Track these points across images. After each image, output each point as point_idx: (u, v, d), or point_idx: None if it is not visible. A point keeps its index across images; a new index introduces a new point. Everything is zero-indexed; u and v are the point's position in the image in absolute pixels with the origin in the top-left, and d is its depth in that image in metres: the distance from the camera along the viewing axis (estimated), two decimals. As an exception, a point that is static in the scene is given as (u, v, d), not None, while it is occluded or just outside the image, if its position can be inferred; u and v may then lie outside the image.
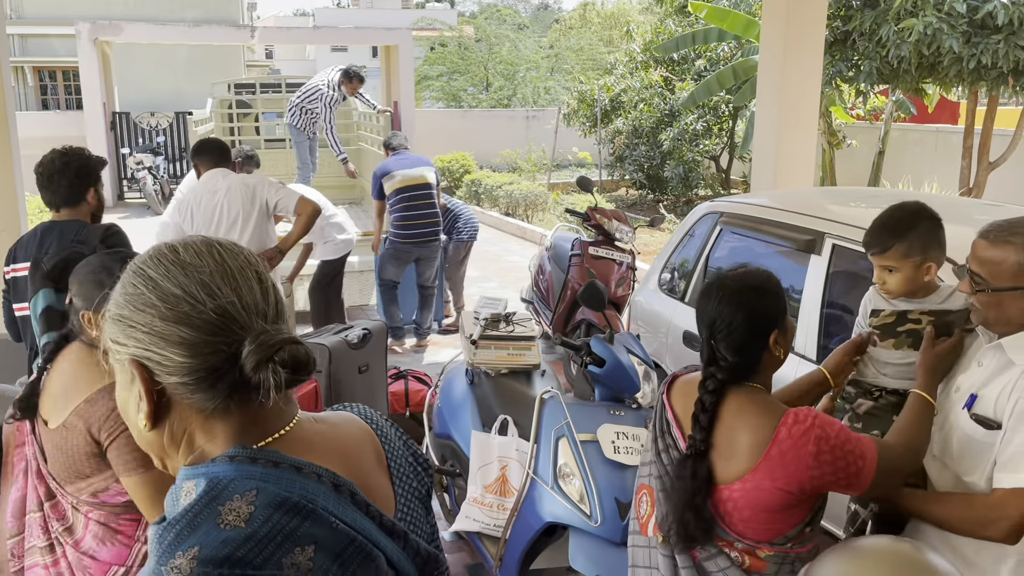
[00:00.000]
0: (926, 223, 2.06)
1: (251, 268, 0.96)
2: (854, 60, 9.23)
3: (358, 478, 1.00)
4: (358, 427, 1.10)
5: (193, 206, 4.13)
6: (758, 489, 1.68)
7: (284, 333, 0.94)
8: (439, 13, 40.65)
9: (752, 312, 1.76)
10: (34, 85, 23.83)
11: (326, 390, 4.00)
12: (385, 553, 0.97)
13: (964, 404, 1.87)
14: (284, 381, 0.90)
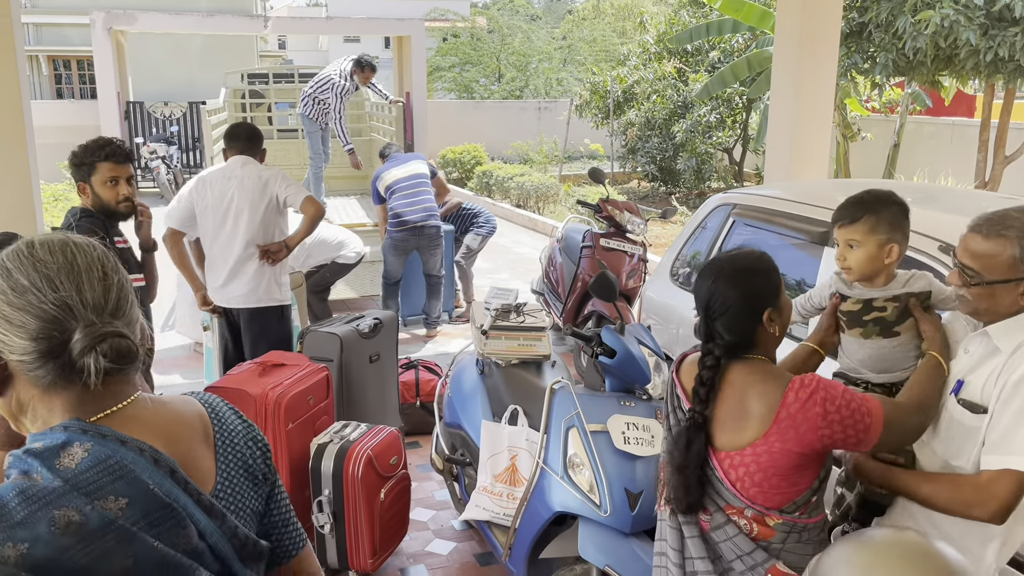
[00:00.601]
0: (896, 206, 2.16)
1: (98, 266, 1.10)
2: (870, 52, 9.16)
3: (179, 455, 1.13)
4: (192, 409, 1.23)
5: (209, 187, 4.16)
6: (770, 452, 1.77)
7: (113, 327, 1.07)
8: (452, 4, 40.53)
9: (745, 290, 1.85)
10: (48, 74, 23.94)
11: (337, 378, 4.01)
12: (198, 527, 1.09)
13: (952, 390, 1.93)
14: (105, 368, 1.05)
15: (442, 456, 3.66)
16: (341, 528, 3.30)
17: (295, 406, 3.38)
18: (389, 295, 6.62)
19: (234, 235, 4.09)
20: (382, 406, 4.42)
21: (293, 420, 3.36)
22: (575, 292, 5.86)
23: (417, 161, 6.71)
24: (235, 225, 4.09)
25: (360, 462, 3.25)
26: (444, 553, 3.69)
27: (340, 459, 3.27)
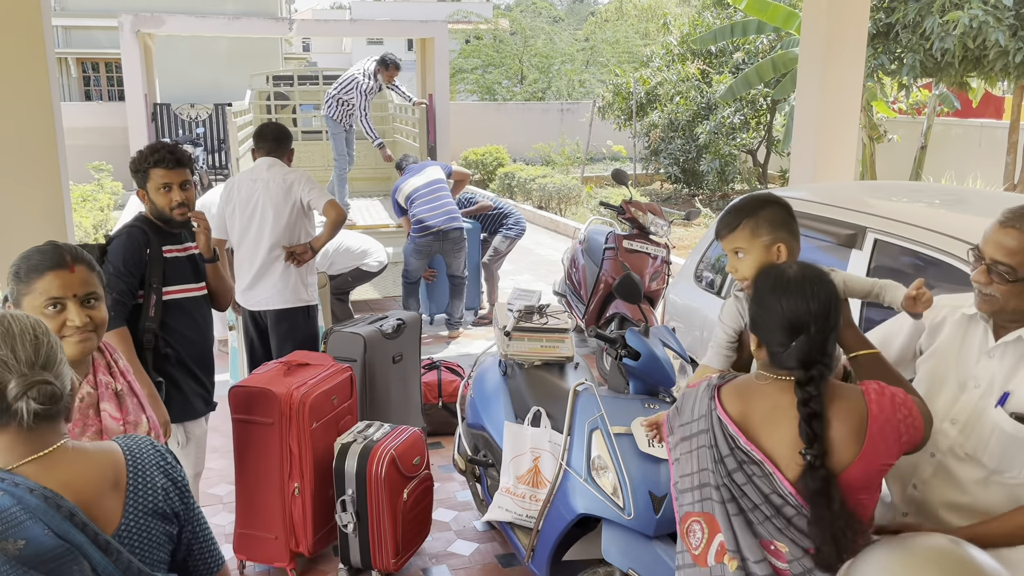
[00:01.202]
0: (775, 205, 2.11)
1: (30, 332, 1.32)
2: (897, 53, 9.06)
3: (85, 500, 1.31)
4: (109, 459, 1.41)
5: (236, 190, 4.20)
6: (867, 471, 1.69)
7: (42, 376, 1.29)
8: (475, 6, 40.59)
9: (834, 305, 1.77)
10: (77, 76, 24.26)
11: (360, 379, 4.03)
12: (92, 563, 1.28)
13: (997, 402, 1.84)
14: (35, 411, 1.27)
15: (464, 457, 3.67)
16: (364, 528, 3.31)
17: (319, 406, 3.40)
18: (410, 294, 6.68)
19: (260, 237, 4.13)
20: (405, 406, 4.43)
21: (317, 419, 3.38)
22: (597, 294, 5.84)
23: (432, 167, 6.78)
24: (260, 228, 4.12)
25: (383, 462, 3.26)
26: (466, 554, 3.69)
27: (363, 459, 3.28)
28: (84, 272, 1.88)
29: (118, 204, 12.42)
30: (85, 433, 1.89)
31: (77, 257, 1.88)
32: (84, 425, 1.90)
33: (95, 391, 1.95)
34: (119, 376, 2.05)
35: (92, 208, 10.29)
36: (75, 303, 1.84)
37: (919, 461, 1.97)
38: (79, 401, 1.89)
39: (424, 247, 6.50)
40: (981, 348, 1.94)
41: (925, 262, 3.13)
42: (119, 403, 2.00)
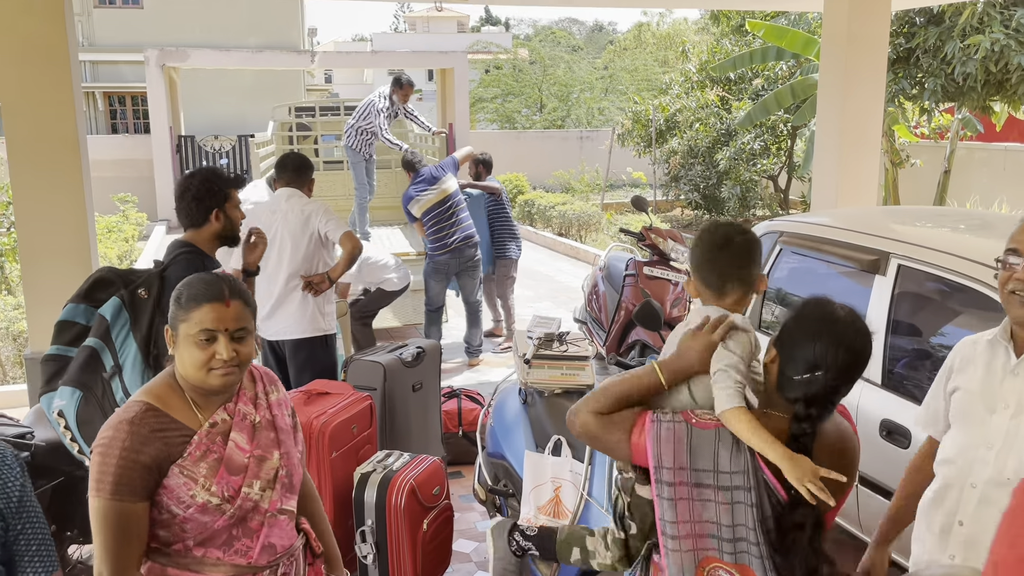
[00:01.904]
0: None
1: None
2: (918, 78, 9.03)
3: None
4: None
5: (256, 220, 4.23)
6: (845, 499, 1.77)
7: None
8: (494, 36, 41.09)
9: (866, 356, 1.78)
10: (104, 110, 24.73)
11: (380, 407, 4.02)
12: None
13: None
14: None
15: (485, 487, 3.63)
16: (384, 559, 3.27)
17: (339, 435, 3.38)
18: (432, 322, 6.66)
19: (278, 268, 4.15)
20: (425, 435, 4.41)
21: (337, 449, 3.36)
22: (618, 321, 5.81)
23: (448, 179, 6.60)
24: (279, 258, 4.15)
25: (403, 492, 3.23)
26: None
27: (383, 489, 3.26)
28: (239, 307, 1.92)
29: (143, 235, 12.58)
30: (205, 458, 1.88)
31: (235, 292, 1.92)
32: (207, 450, 1.90)
33: (230, 419, 1.96)
34: (263, 408, 2.04)
35: (117, 239, 10.42)
36: (226, 337, 1.87)
37: (960, 496, 1.92)
38: (211, 427, 1.91)
39: (442, 265, 6.52)
40: (1005, 368, 1.93)
41: (950, 288, 3.08)
42: (252, 435, 1.98)
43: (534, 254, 12.35)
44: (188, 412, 1.91)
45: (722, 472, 1.77)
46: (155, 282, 2.91)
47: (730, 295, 2.02)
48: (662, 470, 1.80)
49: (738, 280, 2.01)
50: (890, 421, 3.05)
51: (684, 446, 1.81)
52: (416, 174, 6.67)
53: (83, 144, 5.01)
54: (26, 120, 4.74)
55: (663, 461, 1.81)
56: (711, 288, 2.03)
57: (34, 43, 4.69)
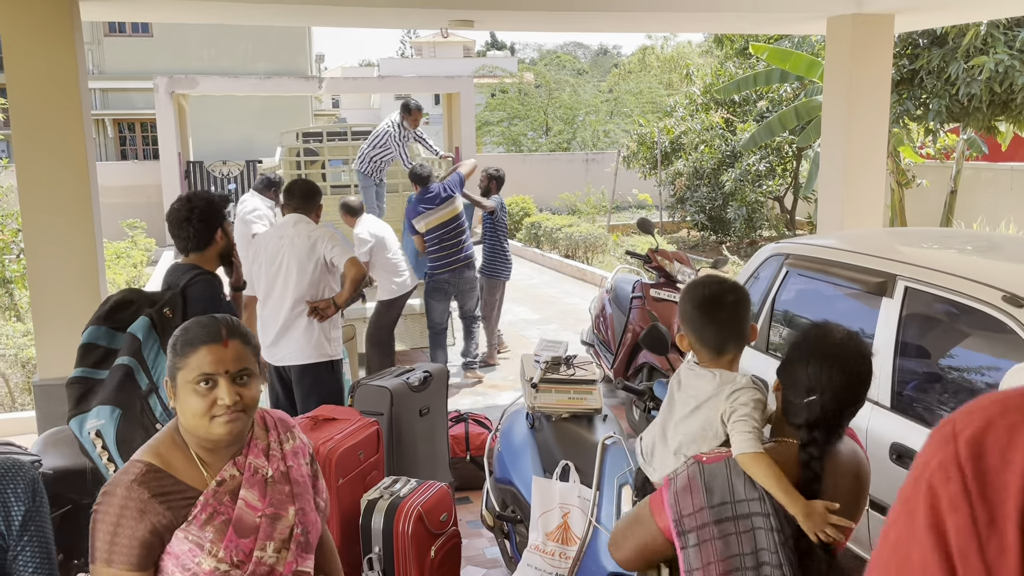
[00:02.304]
0: None
1: None
2: (922, 99, 9.05)
3: None
4: None
5: (262, 246, 4.26)
6: None
7: None
8: (500, 61, 41.40)
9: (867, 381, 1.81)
10: (114, 136, 24.96)
11: (387, 432, 4.00)
12: None
13: None
14: None
15: (493, 513, 3.61)
16: (391, 586, 3.25)
17: (346, 461, 3.37)
18: (438, 345, 6.72)
19: (284, 293, 4.17)
20: (432, 460, 4.39)
21: (344, 475, 3.35)
22: (625, 343, 5.80)
23: (453, 201, 6.70)
24: (285, 284, 4.17)
25: (410, 519, 3.22)
26: (495, 613, 3.61)
27: (390, 515, 3.24)
28: (239, 347, 1.78)
29: (151, 260, 12.64)
30: (212, 521, 1.74)
31: (233, 331, 1.79)
32: (214, 512, 1.75)
33: (240, 475, 1.80)
34: (277, 459, 1.88)
35: (126, 265, 10.47)
36: (227, 380, 1.74)
37: None
38: (218, 485, 1.77)
39: (442, 283, 6.64)
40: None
41: (958, 310, 3.07)
42: (264, 491, 1.82)
43: (541, 276, 12.36)
44: (193, 471, 1.77)
45: (739, 501, 1.79)
46: (179, 301, 2.98)
47: (728, 353, 2.07)
48: (682, 520, 1.81)
49: (736, 339, 2.07)
50: (900, 444, 3.03)
51: (699, 486, 1.83)
52: (425, 188, 6.72)
53: (92, 171, 5.05)
54: (36, 148, 4.79)
55: (682, 511, 1.82)
56: (708, 348, 2.08)
57: (45, 72, 4.75)
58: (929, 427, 2.97)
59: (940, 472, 0.73)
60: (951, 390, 3.10)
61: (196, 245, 3.15)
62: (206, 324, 1.79)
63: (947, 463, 0.73)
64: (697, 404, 2.11)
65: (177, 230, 3.13)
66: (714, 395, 2.09)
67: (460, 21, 5.63)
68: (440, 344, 6.73)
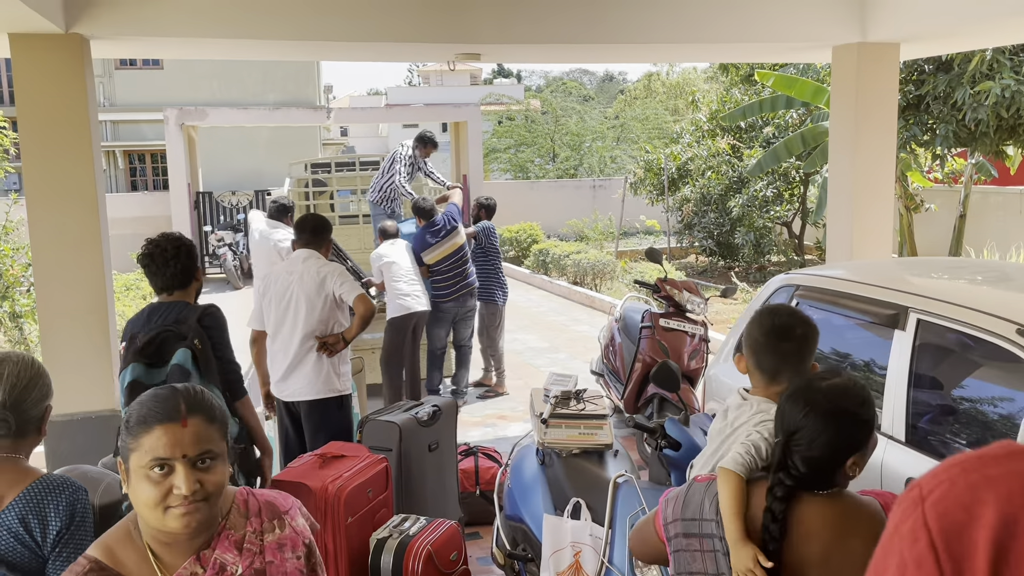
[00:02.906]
0: None
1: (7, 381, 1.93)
2: (929, 124, 9.06)
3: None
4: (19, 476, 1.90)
5: (273, 282, 4.28)
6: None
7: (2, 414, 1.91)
8: (507, 88, 41.73)
9: (839, 436, 1.69)
10: (124, 168, 25.19)
11: (396, 468, 3.98)
12: None
13: None
14: None
15: (503, 551, 3.57)
16: (401, 626, 3.21)
17: (355, 499, 3.35)
18: (435, 366, 6.91)
19: (294, 329, 4.17)
20: (441, 496, 4.35)
21: (352, 514, 3.32)
22: (635, 373, 5.76)
23: (456, 235, 6.85)
24: (295, 319, 4.17)
25: (420, 558, 3.18)
26: (506, 652, 3.55)
27: (400, 555, 3.21)
28: (199, 425, 1.52)
29: (161, 291, 12.67)
30: None
31: (193, 406, 1.53)
32: None
33: (203, 572, 1.54)
34: (254, 554, 1.61)
35: (135, 297, 10.51)
36: (185, 465, 1.48)
37: None
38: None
39: (446, 313, 6.80)
40: None
41: (972, 342, 3.04)
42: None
43: (549, 303, 12.34)
44: (145, 567, 1.51)
45: (704, 520, 1.82)
46: (202, 333, 3.09)
47: (781, 383, 2.07)
48: (667, 526, 1.88)
49: (792, 371, 2.07)
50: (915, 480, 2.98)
51: (681, 499, 1.88)
52: (430, 222, 6.82)
53: (102, 203, 5.08)
54: (46, 182, 4.83)
55: (667, 517, 1.89)
56: (764, 373, 2.11)
57: (56, 108, 4.80)
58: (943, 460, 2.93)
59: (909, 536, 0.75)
60: (965, 423, 3.06)
61: (180, 283, 3.22)
62: (163, 398, 1.53)
63: (915, 527, 0.75)
64: (733, 431, 2.13)
65: (161, 268, 3.17)
66: (747, 421, 2.11)
67: (467, 55, 5.67)
68: (437, 366, 6.94)
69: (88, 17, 4.71)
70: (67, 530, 1.85)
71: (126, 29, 4.80)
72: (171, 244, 3.19)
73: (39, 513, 1.85)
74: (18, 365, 1.95)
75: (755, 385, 2.18)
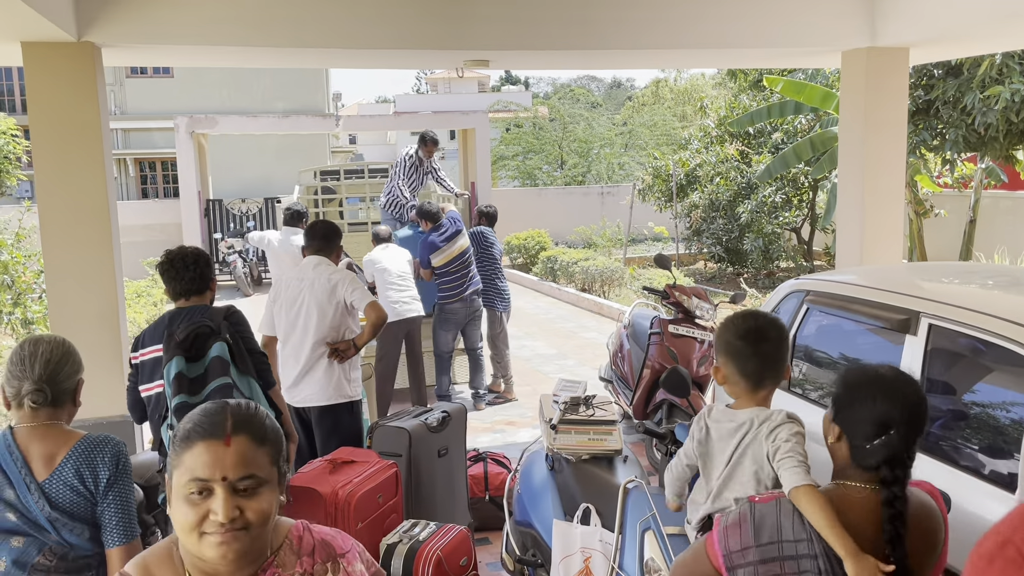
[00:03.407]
0: None
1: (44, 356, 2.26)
2: (938, 129, 9.03)
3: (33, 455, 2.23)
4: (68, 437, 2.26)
5: (284, 288, 4.29)
6: None
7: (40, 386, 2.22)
8: (514, 95, 41.78)
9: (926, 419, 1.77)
10: (135, 175, 25.33)
11: (406, 473, 3.98)
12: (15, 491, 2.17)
13: None
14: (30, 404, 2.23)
15: (513, 556, 3.56)
16: (410, 632, 3.21)
17: (365, 504, 3.35)
18: (443, 371, 6.98)
19: (305, 335, 4.18)
20: (451, 501, 4.35)
21: (363, 519, 3.33)
22: (644, 380, 5.75)
23: (463, 238, 6.96)
24: (305, 326, 4.18)
25: (430, 563, 3.18)
26: (516, 659, 3.54)
27: (409, 561, 3.21)
28: (245, 445, 1.37)
29: (171, 298, 12.72)
30: None
31: (241, 424, 1.38)
32: None
33: None
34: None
35: (146, 303, 10.55)
36: (224, 489, 1.33)
37: None
38: None
39: (453, 314, 6.85)
40: None
41: (984, 347, 3.02)
42: None
43: (557, 310, 12.33)
44: None
45: (786, 541, 1.74)
46: (230, 329, 3.31)
47: (765, 389, 2.09)
48: (731, 556, 1.76)
49: (774, 375, 2.09)
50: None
51: (749, 525, 1.78)
52: (437, 224, 6.91)
53: (113, 211, 5.11)
54: (58, 188, 4.86)
55: (730, 547, 1.77)
56: (748, 379, 2.10)
57: (68, 116, 4.83)
58: (956, 467, 2.91)
59: None
60: (977, 428, 3.04)
61: (198, 288, 3.40)
62: (210, 413, 1.40)
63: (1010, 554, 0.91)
64: (737, 449, 2.10)
65: (181, 273, 3.35)
66: (753, 438, 2.08)
67: (476, 61, 5.69)
68: (445, 370, 6.99)
69: (100, 25, 4.74)
70: (114, 477, 2.21)
71: (137, 37, 4.84)
72: (190, 252, 3.42)
73: (90, 465, 2.19)
74: (51, 344, 2.28)
75: (738, 396, 2.14)
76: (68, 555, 2.16)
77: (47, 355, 2.23)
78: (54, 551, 2.14)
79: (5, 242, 8.30)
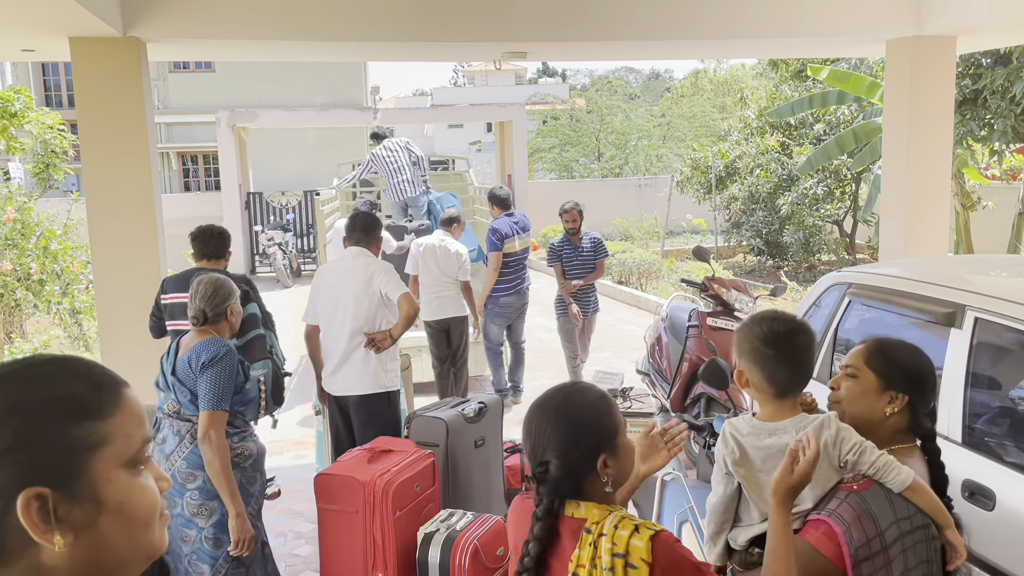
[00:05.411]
0: None
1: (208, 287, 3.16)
2: (986, 119, 8.82)
3: None
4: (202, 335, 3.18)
5: (324, 278, 4.36)
6: None
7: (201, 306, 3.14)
8: (551, 88, 41.67)
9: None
10: (178, 169, 25.78)
11: (443, 464, 4.01)
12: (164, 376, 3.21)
13: None
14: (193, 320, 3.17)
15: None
16: (447, 620, 3.24)
17: (402, 493, 3.38)
18: (496, 363, 7.09)
19: (343, 325, 4.23)
20: (487, 492, 4.38)
21: (400, 508, 3.36)
22: (682, 373, 5.71)
23: (526, 232, 7.06)
24: (343, 315, 4.23)
25: (467, 552, 3.21)
26: (552, 649, 3.55)
27: (447, 549, 3.24)
28: None
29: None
30: None
31: None
32: None
33: None
34: None
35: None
36: None
37: None
38: None
39: (506, 308, 6.91)
40: None
41: (1033, 341, 2.96)
42: None
43: (594, 303, 12.29)
44: None
45: (902, 519, 1.76)
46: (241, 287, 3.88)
47: (792, 396, 1.96)
48: (858, 550, 1.72)
49: (803, 382, 1.96)
50: (972, 481, 2.91)
51: (868, 514, 1.75)
52: (509, 211, 7.00)
53: (158, 203, 5.21)
54: (104, 181, 4.97)
55: (855, 540, 1.73)
56: (776, 386, 1.95)
57: (114, 110, 4.93)
58: (1002, 463, 2.85)
59: None
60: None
61: (217, 252, 4.26)
62: None
63: None
64: None
65: (207, 238, 4.27)
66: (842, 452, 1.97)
67: (514, 53, 5.68)
68: (499, 362, 7.10)
69: (144, 21, 4.83)
70: (208, 364, 2.98)
71: (180, 32, 4.92)
72: (216, 227, 4.36)
73: (196, 353, 3.02)
74: (203, 283, 3.14)
75: (764, 403, 2.00)
76: (180, 411, 3.10)
77: (203, 289, 3.11)
78: (173, 405, 3.12)
79: (55, 232, 8.51)
